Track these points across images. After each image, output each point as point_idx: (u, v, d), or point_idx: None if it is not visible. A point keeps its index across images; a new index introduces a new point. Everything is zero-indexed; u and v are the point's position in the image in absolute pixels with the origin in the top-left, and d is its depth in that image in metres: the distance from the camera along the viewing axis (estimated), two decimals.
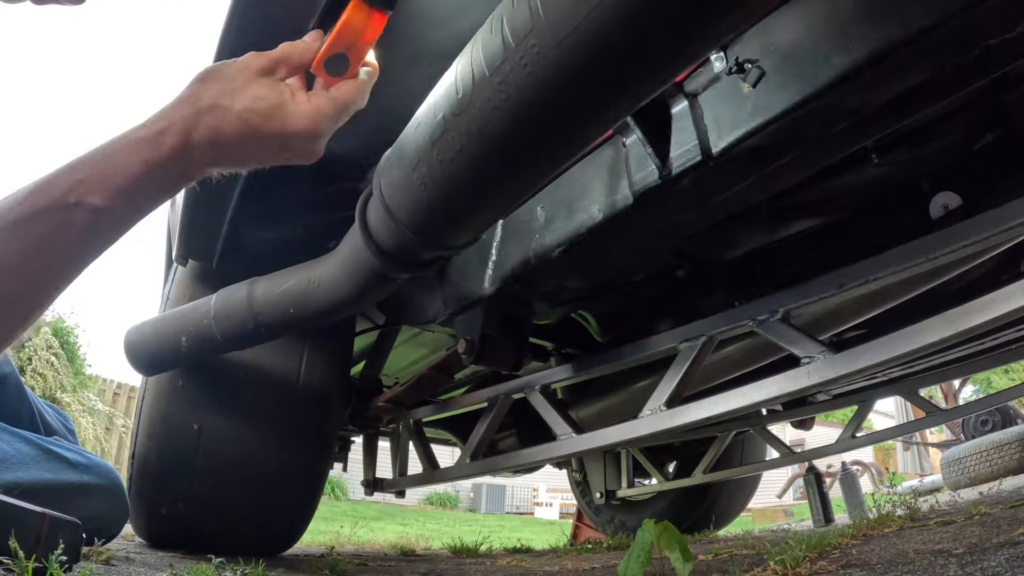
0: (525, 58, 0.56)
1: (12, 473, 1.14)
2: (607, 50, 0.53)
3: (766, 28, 0.74)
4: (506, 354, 1.15)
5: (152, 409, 1.45)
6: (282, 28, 0.85)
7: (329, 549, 2.16)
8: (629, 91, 0.59)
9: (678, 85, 0.83)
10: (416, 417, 1.71)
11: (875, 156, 0.97)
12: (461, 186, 0.72)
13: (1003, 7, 0.59)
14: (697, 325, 1.00)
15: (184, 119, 0.61)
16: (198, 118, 0.61)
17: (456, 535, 2.83)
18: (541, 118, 0.61)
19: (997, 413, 4.39)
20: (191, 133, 0.61)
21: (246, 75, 0.64)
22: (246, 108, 0.62)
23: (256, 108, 0.62)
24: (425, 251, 0.85)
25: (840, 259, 0.87)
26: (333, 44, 0.67)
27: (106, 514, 1.30)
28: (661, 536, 0.80)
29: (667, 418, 0.96)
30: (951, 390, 6.19)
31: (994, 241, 0.69)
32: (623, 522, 2.82)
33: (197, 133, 0.61)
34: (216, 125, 0.61)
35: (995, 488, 2.54)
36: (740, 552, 1.43)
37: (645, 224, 0.94)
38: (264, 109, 0.63)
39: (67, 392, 7.16)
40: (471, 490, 16.68)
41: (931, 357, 1.54)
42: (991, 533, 1.03)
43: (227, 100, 0.62)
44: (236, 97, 0.62)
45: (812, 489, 2.93)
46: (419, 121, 0.73)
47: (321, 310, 1.06)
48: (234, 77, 0.64)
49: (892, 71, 0.65)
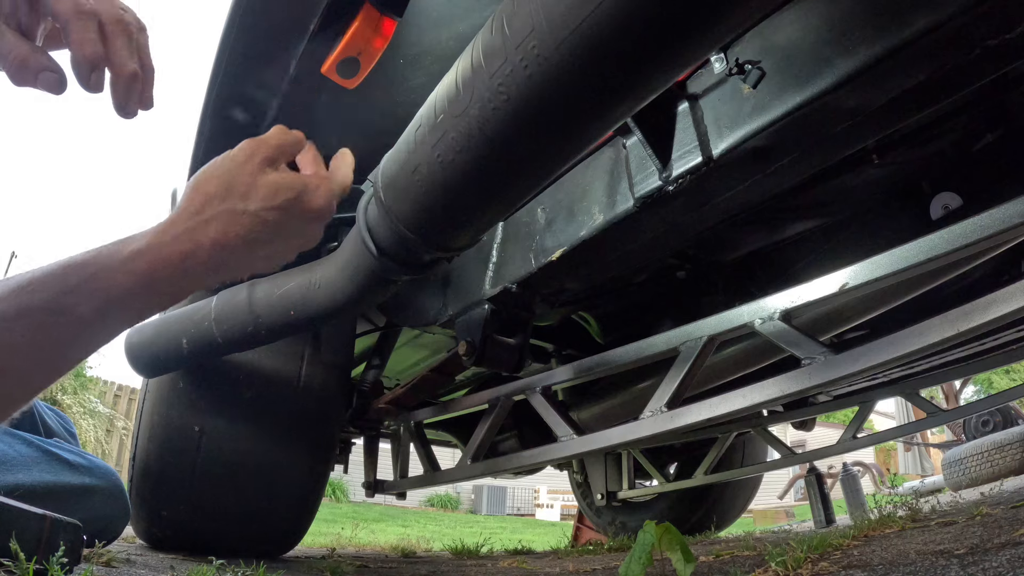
0: (525, 59, 0.56)
1: (13, 475, 1.14)
2: (607, 52, 0.53)
3: (766, 29, 0.74)
4: (507, 356, 1.15)
5: (153, 411, 1.45)
6: (283, 28, 0.85)
7: (330, 551, 2.16)
8: (629, 93, 0.59)
9: (679, 86, 0.83)
10: (417, 419, 1.70)
11: (875, 156, 0.97)
12: (461, 188, 0.72)
13: (1003, 7, 0.59)
14: (698, 326, 1.00)
15: (189, 231, 0.57)
16: (206, 227, 0.57)
17: (457, 537, 2.83)
18: (541, 120, 0.61)
19: (998, 413, 4.38)
20: (195, 245, 0.57)
21: (251, 170, 0.60)
22: (263, 207, 0.58)
23: (275, 204, 0.59)
24: (425, 253, 0.85)
25: (841, 259, 0.87)
26: (345, 48, 0.67)
27: (107, 516, 1.30)
28: (662, 537, 0.80)
29: (668, 419, 0.95)
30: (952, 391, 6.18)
31: (994, 241, 0.69)
32: (624, 523, 2.82)
33: (202, 245, 0.57)
34: (224, 231, 0.57)
35: (996, 489, 2.54)
36: (741, 553, 1.42)
37: (646, 226, 0.94)
38: (284, 203, 0.59)
39: (68, 394, 7.15)
40: (472, 492, 16.66)
41: (932, 358, 1.54)
42: (992, 534, 1.03)
43: (238, 203, 0.58)
44: (249, 197, 0.58)
45: (813, 490, 2.93)
46: (419, 122, 0.73)
47: (322, 312, 1.06)
48: (238, 175, 0.59)
49: (892, 72, 0.66)
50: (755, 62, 0.74)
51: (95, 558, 1.09)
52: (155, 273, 0.56)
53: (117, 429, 8.06)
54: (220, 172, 0.59)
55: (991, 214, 0.68)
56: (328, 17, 0.81)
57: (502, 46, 0.58)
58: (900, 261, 0.76)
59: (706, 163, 0.79)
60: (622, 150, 0.91)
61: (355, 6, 0.77)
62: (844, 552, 1.13)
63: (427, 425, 1.92)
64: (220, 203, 0.57)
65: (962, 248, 0.71)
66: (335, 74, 0.67)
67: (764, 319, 0.90)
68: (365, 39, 0.66)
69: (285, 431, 1.50)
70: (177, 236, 0.56)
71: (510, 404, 1.35)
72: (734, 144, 0.76)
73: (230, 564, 1.16)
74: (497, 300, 1.13)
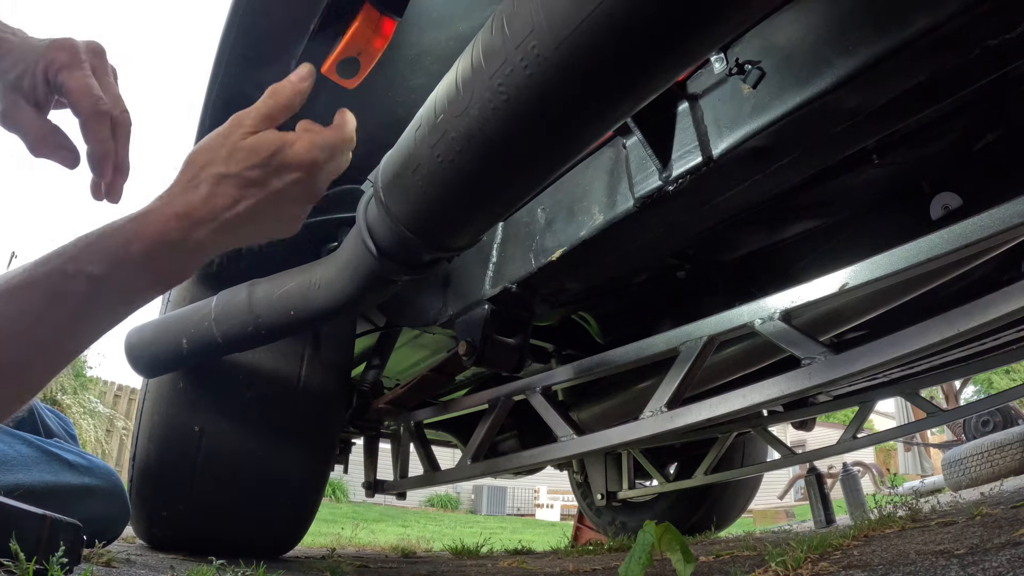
0: (525, 59, 0.56)
1: (13, 475, 1.14)
2: (607, 52, 0.53)
3: (766, 29, 0.74)
4: (507, 356, 1.15)
5: (153, 411, 1.45)
6: (283, 28, 0.85)
7: (330, 551, 2.16)
8: (628, 93, 0.59)
9: (679, 86, 0.83)
10: (417, 419, 1.70)
11: (875, 156, 0.97)
12: (461, 188, 0.72)
13: (1003, 7, 0.59)
14: (698, 326, 1.00)
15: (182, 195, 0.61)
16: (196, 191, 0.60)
17: (457, 537, 2.83)
18: (540, 120, 0.60)
19: (998, 413, 4.38)
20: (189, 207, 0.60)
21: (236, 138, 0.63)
22: (245, 167, 0.61)
23: (254, 161, 0.61)
24: (425, 253, 0.85)
25: (841, 259, 0.87)
26: (345, 48, 0.67)
27: (107, 516, 1.30)
28: (662, 537, 0.80)
29: (668, 419, 0.95)
30: (952, 391, 6.18)
31: (994, 241, 0.69)
32: (624, 523, 2.82)
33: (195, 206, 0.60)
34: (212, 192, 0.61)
35: (996, 489, 2.54)
36: (741, 553, 1.42)
37: (646, 226, 0.94)
38: (265, 159, 0.62)
39: (68, 394, 7.15)
40: (472, 492, 16.66)
41: (932, 358, 1.54)
42: (992, 534, 1.03)
43: (221, 167, 0.61)
44: (231, 161, 0.61)
45: (813, 490, 2.93)
46: (419, 122, 0.73)
47: (321, 312, 1.06)
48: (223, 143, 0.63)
49: (892, 72, 0.66)
50: (755, 62, 0.74)
51: (95, 558, 1.09)
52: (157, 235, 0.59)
53: (117, 429, 8.05)
54: (208, 143, 0.63)
55: (991, 214, 0.68)
56: (328, 17, 0.81)
57: (502, 46, 0.58)
58: (900, 261, 0.76)
59: (706, 163, 0.79)
60: (622, 150, 0.91)
61: (355, 6, 0.77)
62: (844, 552, 1.13)
63: (427, 425, 1.91)
64: (206, 170, 0.61)
65: (962, 248, 0.71)
66: (335, 74, 0.67)
67: (764, 319, 0.90)
68: (365, 39, 0.66)
69: (285, 431, 1.50)
70: (172, 201, 0.60)
71: (510, 404, 1.35)
72: (734, 144, 0.76)
73: (230, 564, 1.16)
74: (497, 300, 1.13)
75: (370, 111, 1.10)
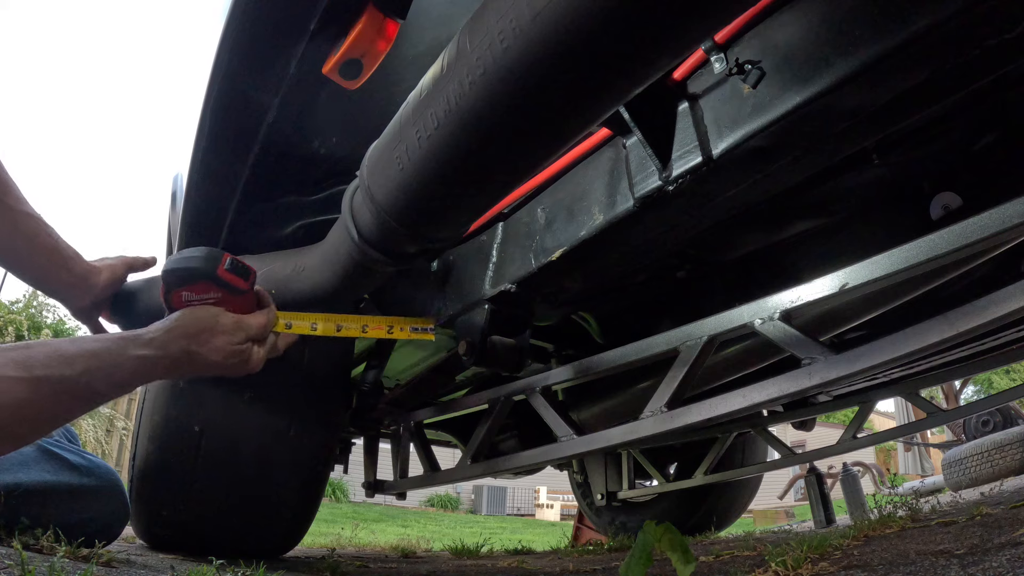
0: (503, 32, 0.55)
1: (12, 475, 1.14)
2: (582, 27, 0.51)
3: (766, 29, 0.74)
4: (507, 356, 1.15)
5: (153, 411, 1.45)
6: (283, 29, 0.85)
7: (330, 551, 2.16)
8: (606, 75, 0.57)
9: (678, 85, 0.83)
10: (417, 419, 1.70)
11: (875, 156, 0.97)
12: (437, 166, 0.70)
13: (1003, 7, 0.59)
14: (698, 326, 1.00)
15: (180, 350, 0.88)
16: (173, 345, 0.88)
17: (457, 537, 2.83)
18: (514, 95, 0.59)
19: (998, 414, 4.38)
20: (178, 362, 0.89)
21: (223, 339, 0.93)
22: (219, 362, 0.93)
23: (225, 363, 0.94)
24: (406, 240, 0.85)
25: (841, 259, 0.87)
26: (348, 50, 0.67)
27: (106, 516, 1.30)
28: (662, 537, 0.80)
29: (668, 419, 0.95)
30: (952, 391, 6.19)
31: (994, 241, 0.69)
32: (624, 523, 2.82)
33: (182, 364, 0.90)
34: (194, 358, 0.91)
35: (996, 489, 2.54)
36: (741, 553, 1.43)
37: (646, 226, 0.94)
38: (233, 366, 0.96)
39: None
40: (472, 492, 16.66)
41: (932, 358, 1.54)
42: (992, 534, 1.03)
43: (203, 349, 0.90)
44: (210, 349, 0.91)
45: (813, 490, 2.93)
46: (406, 105, 0.73)
47: (301, 298, 1.06)
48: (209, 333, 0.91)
49: (892, 71, 0.65)
50: (755, 62, 0.74)
51: (95, 558, 1.08)
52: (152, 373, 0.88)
53: (117, 429, 8.05)
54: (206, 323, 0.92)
55: (991, 214, 0.68)
56: (328, 17, 0.81)
57: (485, 23, 0.58)
58: (900, 261, 0.76)
59: (706, 163, 0.79)
60: (622, 150, 0.91)
61: (355, 7, 0.77)
62: (844, 552, 1.13)
63: (427, 425, 1.91)
64: (196, 346, 0.90)
65: (962, 248, 0.70)
66: (337, 75, 0.67)
67: (764, 319, 0.90)
68: (369, 41, 0.66)
69: (285, 431, 1.50)
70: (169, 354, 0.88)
71: (510, 404, 1.35)
72: (734, 144, 0.76)
73: (230, 564, 1.16)
74: (497, 300, 1.12)
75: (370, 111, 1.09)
